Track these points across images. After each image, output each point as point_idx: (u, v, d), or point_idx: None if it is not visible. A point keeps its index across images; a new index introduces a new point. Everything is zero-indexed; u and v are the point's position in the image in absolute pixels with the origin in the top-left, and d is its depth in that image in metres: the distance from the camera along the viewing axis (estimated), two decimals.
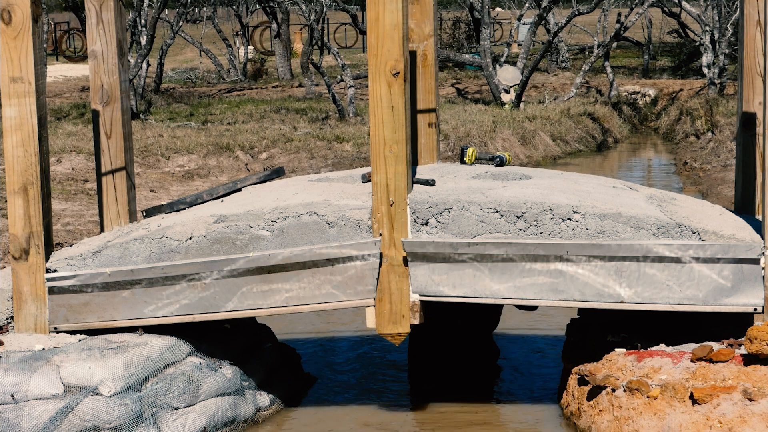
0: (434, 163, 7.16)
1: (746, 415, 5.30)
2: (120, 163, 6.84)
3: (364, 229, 6.05)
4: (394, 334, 6.06)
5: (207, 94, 26.61)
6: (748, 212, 6.57)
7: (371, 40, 5.95)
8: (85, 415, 5.57)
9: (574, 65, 30.73)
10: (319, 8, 22.21)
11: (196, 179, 14.95)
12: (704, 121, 19.23)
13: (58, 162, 15.07)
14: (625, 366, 5.82)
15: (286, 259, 6.04)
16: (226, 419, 6.11)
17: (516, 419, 6.48)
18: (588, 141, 20.53)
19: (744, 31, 6.45)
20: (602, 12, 31.50)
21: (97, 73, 6.78)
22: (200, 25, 39.34)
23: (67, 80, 30.75)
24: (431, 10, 7.04)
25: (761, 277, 5.83)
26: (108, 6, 6.72)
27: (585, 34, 37.16)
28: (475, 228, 5.99)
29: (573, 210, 5.97)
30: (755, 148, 6.31)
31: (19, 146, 6.11)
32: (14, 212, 6.16)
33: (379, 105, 5.96)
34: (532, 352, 7.69)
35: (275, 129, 18.11)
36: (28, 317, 6.21)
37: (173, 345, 6.09)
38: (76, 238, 10.15)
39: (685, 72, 28.33)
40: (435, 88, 7.13)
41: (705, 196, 13.70)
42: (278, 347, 7.06)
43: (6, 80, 6.08)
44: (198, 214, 6.39)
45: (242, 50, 32.99)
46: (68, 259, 6.26)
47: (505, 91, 21.69)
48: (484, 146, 17.09)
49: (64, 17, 44.64)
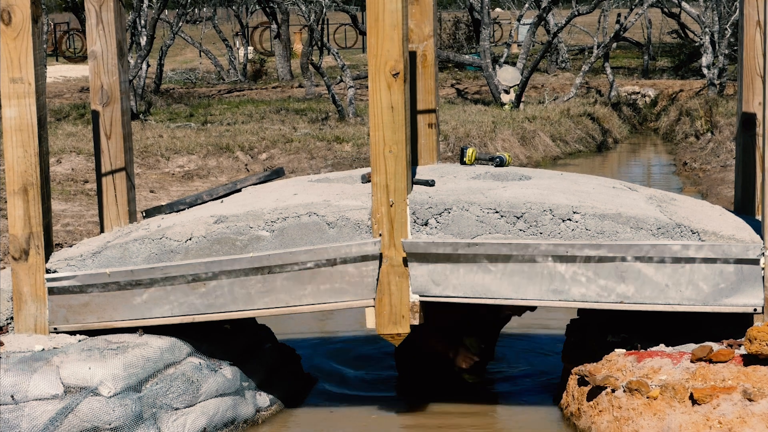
0: (434, 163, 7.16)
1: (746, 415, 5.30)
2: (120, 163, 6.84)
3: (364, 230, 6.05)
4: (393, 335, 6.06)
5: (207, 94, 26.61)
6: (748, 212, 6.57)
7: (371, 40, 5.95)
8: (85, 416, 5.57)
9: (574, 66, 30.74)
10: (319, 9, 22.21)
11: (196, 180, 14.96)
12: (704, 121, 19.23)
13: (58, 162, 15.07)
14: (625, 366, 5.82)
15: (285, 259, 6.04)
16: (226, 420, 6.11)
17: (516, 419, 6.48)
18: (588, 141, 20.53)
19: (743, 32, 6.45)
20: (602, 12, 31.50)
21: (96, 74, 6.78)
22: (200, 25, 39.33)
23: (67, 81, 30.76)
24: (431, 10, 7.04)
25: (761, 278, 5.83)
26: (108, 6, 6.72)
27: (585, 35, 37.17)
28: (474, 228, 5.99)
29: (573, 210, 5.97)
30: (755, 148, 6.31)
31: (19, 147, 6.11)
32: (14, 213, 6.16)
33: (378, 105, 5.96)
34: (532, 352, 7.69)
35: (275, 129, 18.11)
36: (28, 318, 6.21)
37: (173, 345, 6.09)
38: (76, 239, 10.15)
39: (685, 72, 28.33)
40: (435, 88, 7.13)
41: (705, 196, 13.70)
42: (278, 347, 7.06)
43: (6, 81, 6.08)
44: (198, 215, 6.39)
45: (242, 51, 33.00)
46: (68, 260, 6.26)
47: (504, 91, 21.69)
48: (484, 147, 17.10)
49: (64, 18, 44.65)
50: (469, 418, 6.46)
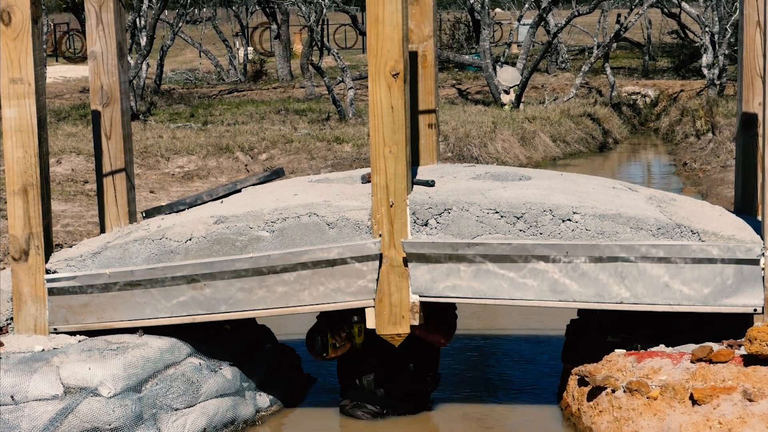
0: (434, 163, 7.16)
1: (746, 415, 5.29)
2: (120, 164, 6.84)
3: (364, 230, 6.05)
4: (393, 335, 6.06)
5: (207, 95, 26.62)
6: (748, 213, 6.57)
7: (371, 41, 5.95)
8: (85, 416, 5.57)
9: (574, 66, 30.73)
10: (319, 9, 22.21)
11: (196, 180, 14.96)
12: (704, 121, 19.23)
13: (58, 163, 15.07)
14: (625, 367, 5.82)
15: (285, 259, 6.04)
16: (226, 420, 6.11)
17: (516, 419, 6.48)
18: (588, 142, 20.53)
19: (743, 32, 6.45)
20: (602, 13, 31.50)
21: (96, 74, 6.78)
22: (200, 26, 39.32)
23: (67, 81, 30.76)
24: (431, 11, 7.04)
25: (761, 278, 5.82)
26: (108, 7, 6.72)
27: (585, 35, 37.17)
28: (474, 229, 5.99)
29: (573, 211, 5.97)
30: (755, 148, 6.31)
31: (19, 147, 6.11)
32: (14, 213, 6.16)
33: (378, 106, 5.95)
34: (532, 352, 7.69)
35: (275, 130, 18.11)
36: (28, 318, 6.21)
37: (173, 346, 6.09)
38: (76, 239, 10.15)
39: (685, 73, 28.33)
40: (435, 89, 7.12)
41: (705, 196, 13.70)
42: (278, 348, 7.06)
43: (6, 81, 6.08)
44: (198, 215, 6.39)
45: (242, 51, 32.99)
46: (68, 260, 6.26)
47: (504, 91, 21.69)
48: (484, 147, 17.09)
49: (64, 18, 44.64)
50: (469, 417, 6.46)
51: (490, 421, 6.45)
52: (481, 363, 7.71)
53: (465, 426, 6.37)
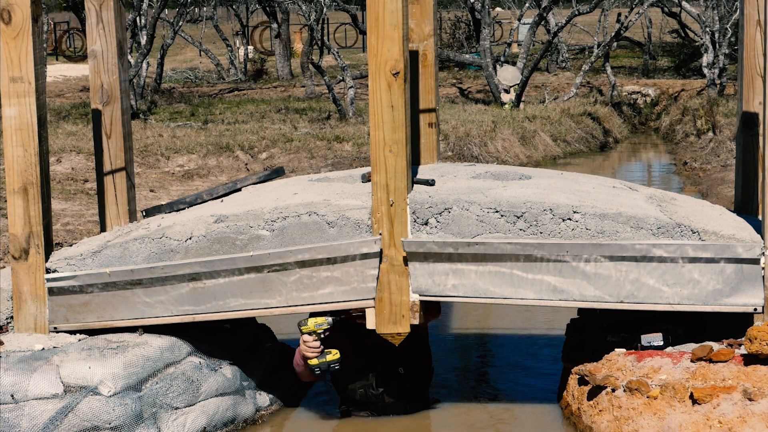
0: (434, 163, 7.16)
1: (746, 415, 5.29)
2: (120, 163, 6.84)
3: (364, 229, 6.04)
4: (393, 334, 6.06)
5: (207, 94, 26.61)
6: (748, 212, 6.57)
7: (371, 39, 5.95)
8: (85, 415, 5.57)
9: (574, 65, 30.74)
10: (319, 8, 22.21)
11: (196, 179, 14.95)
12: (704, 121, 19.23)
13: (58, 162, 15.07)
14: (625, 366, 5.82)
15: (285, 258, 6.04)
16: (226, 419, 6.12)
17: (516, 419, 6.47)
18: (588, 141, 20.53)
19: (744, 31, 6.45)
20: (602, 12, 31.51)
21: (96, 73, 6.78)
22: (200, 24, 39.34)
23: (67, 80, 30.77)
24: (431, 10, 7.04)
25: (761, 277, 5.82)
26: (108, 6, 6.72)
27: (585, 34, 37.18)
28: (475, 228, 5.99)
29: (573, 210, 5.97)
30: (755, 148, 6.31)
31: (19, 146, 6.11)
32: (14, 212, 6.16)
33: (378, 105, 5.95)
34: (532, 352, 7.69)
35: (275, 129, 18.11)
36: (28, 317, 6.21)
37: (173, 345, 6.09)
38: (76, 238, 10.15)
39: (686, 72, 28.33)
40: (435, 88, 7.12)
41: (705, 196, 13.70)
42: (278, 347, 7.06)
43: (6, 80, 6.08)
44: (198, 214, 6.39)
45: (242, 50, 33.00)
46: (68, 259, 6.26)
47: (505, 90, 21.70)
48: (484, 146, 17.09)
49: (64, 17, 44.66)
50: (469, 417, 6.46)
51: (490, 421, 6.44)
52: (480, 362, 7.71)
53: (465, 425, 6.37)
